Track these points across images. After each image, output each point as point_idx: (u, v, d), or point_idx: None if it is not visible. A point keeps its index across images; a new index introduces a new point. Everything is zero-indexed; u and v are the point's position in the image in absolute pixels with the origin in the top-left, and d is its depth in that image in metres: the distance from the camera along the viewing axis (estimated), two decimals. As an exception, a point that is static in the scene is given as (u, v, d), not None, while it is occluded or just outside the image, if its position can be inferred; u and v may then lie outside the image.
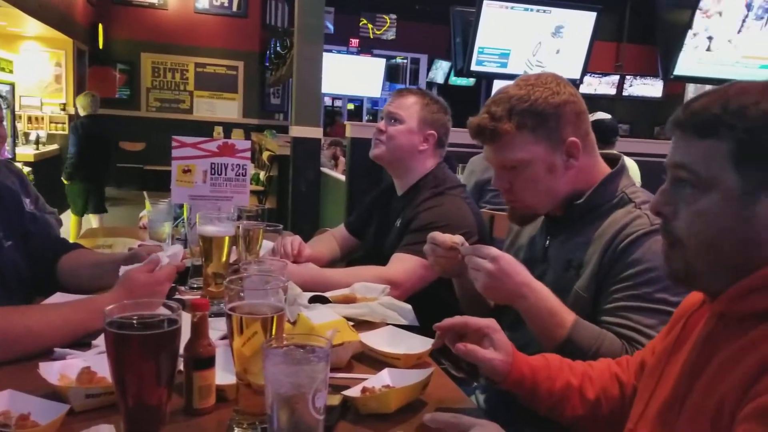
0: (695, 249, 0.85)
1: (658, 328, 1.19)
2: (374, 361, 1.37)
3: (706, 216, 0.83)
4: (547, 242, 1.52)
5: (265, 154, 7.73)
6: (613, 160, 1.52)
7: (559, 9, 5.37)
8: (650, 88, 10.57)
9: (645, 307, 1.29)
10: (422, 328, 1.55)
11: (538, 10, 5.31)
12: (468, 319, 1.17)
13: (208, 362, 1.09)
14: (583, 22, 5.43)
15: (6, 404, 1.00)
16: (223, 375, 1.14)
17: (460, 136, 2.08)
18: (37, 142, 8.30)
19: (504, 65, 5.31)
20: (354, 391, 1.15)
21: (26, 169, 6.29)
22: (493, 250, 1.32)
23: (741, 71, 5.73)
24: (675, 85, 8.74)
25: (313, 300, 1.61)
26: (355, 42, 11.45)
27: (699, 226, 0.84)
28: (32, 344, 1.22)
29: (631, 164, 3.55)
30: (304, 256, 1.97)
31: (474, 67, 5.28)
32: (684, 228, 0.86)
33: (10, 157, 6.80)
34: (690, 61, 5.78)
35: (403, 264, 1.90)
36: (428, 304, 1.70)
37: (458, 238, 1.45)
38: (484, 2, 5.12)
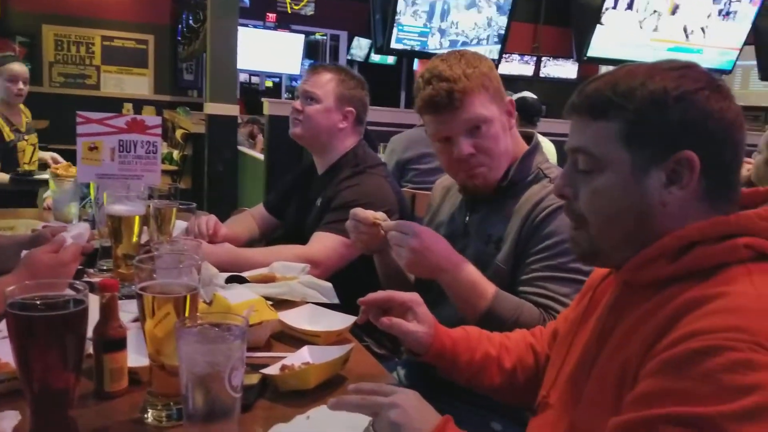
0: (597, 226, 0.89)
1: (572, 297, 1.25)
2: (294, 339, 1.36)
3: (603, 194, 0.87)
4: (467, 218, 1.56)
5: (179, 133, 7.48)
6: (528, 138, 1.57)
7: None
8: (565, 69, 10.88)
9: (560, 277, 1.35)
10: (343, 305, 1.55)
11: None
12: (392, 293, 1.19)
13: (119, 344, 1.05)
14: (501, 2, 5.51)
15: None
16: (136, 357, 1.10)
17: (381, 114, 2.07)
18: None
19: (424, 44, 5.32)
20: (273, 369, 1.15)
21: None
22: (416, 226, 1.34)
23: (650, 53, 5.98)
24: (589, 67, 9.04)
25: (230, 280, 1.57)
26: (272, 17, 11.17)
27: (598, 204, 0.88)
28: None
29: (547, 144, 3.65)
30: (220, 235, 1.92)
31: (394, 45, 5.26)
32: (585, 207, 0.90)
33: None
34: (602, 43, 5.97)
35: (323, 242, 1.88)
36: (349, 282, 1.70)
37: (380, 215, 1.46)
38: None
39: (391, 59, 10.63)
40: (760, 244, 0.78)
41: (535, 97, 4.12)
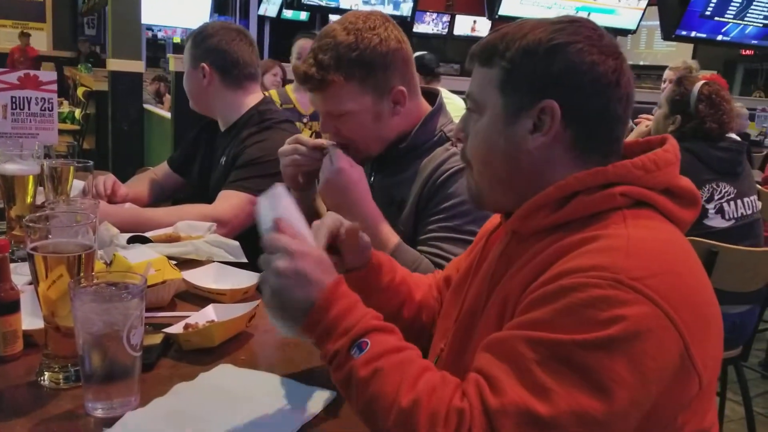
0: (477, 168, 0.95)
1: None
2: (201, 299, 1.35)
3: (480, 136, 0.93)
4: (372, 178, 1.56)
5: (80, 90, 7.11)
6: (432, 96, 1.57)
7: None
8: (479, 26, 10.97)
9: (455, 238, 1.38)
10: (250, 264, 1.55)
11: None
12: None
13: (12, 307, 1.02)
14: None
15: None
16: (31, 320, 1.07)
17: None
18: None
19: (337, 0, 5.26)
20: (176, 328, 1.14)
21: None
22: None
23: (559, 13, 6.13)
24: (502, 24, 9.16)
25: (132, 240, 1.54)
26: (179, -31, 10.68)
27: (476, 146, 0.94)
28: None
29: (458, 101, 3.72)
30: (120, 195, 1.86)
31: (305, 0, 5.16)
32: (469, 149, 0.95)
33: None
34: (513, 2, 6.07)
35: (229, 201, 1.85)
36: (256, 239, 1.69)
37: (326, 141, 1.44)
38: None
39: (303, 15, 10.42)
40: (636, 192, 0.84)
41: (431, 55, 4.27)
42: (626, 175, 0.85)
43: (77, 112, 6.97)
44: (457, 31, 11.11)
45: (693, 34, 7.17)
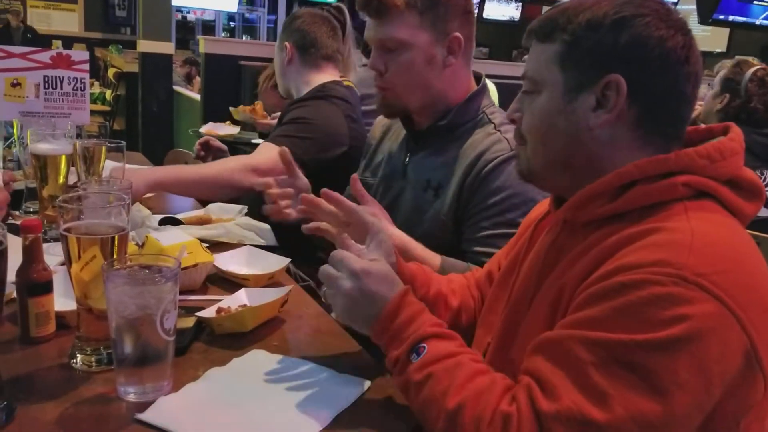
0: (533, 146, 0.91)
1: None
2: (231, 283, 1.33)
3: (538, 113, 0.88)
4: (407, 159, 1.51)
5: (111, 72, 7.16)
6: (476, 79, 1.52)
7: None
8: (508, 10, 10.81)
9: (510, 233, 1.32)
10: (281, 248, 1.53)
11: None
12: (355, 207, 1.09)
13: (44, 287, 1.00)
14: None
15: None
16: (64, 301, 1.06)
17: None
18: None
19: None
20: (209, 312, 1.13)
21: None
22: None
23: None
24: (532, 8, 9.02)
25: (164, 222, 1.53)
26: (209, -49, 10.68)
27: (533, 124, 0.89)
28: None
29: (490, 86, 3.65)
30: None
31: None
32: (524, 127, 0.91)
33: None
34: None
35: (268, 152, 1.82)
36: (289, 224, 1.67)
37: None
38: None
39: (334, -1, 10.37)
40: (698, 182, 0.79)
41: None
42: (689, 165, 0.80)
43: (108, 93, 7.02)
44: (486, 14, 10.95)
45: (730, 18, 6.98)
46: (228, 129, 2.65)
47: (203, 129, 2.76)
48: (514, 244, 1.09)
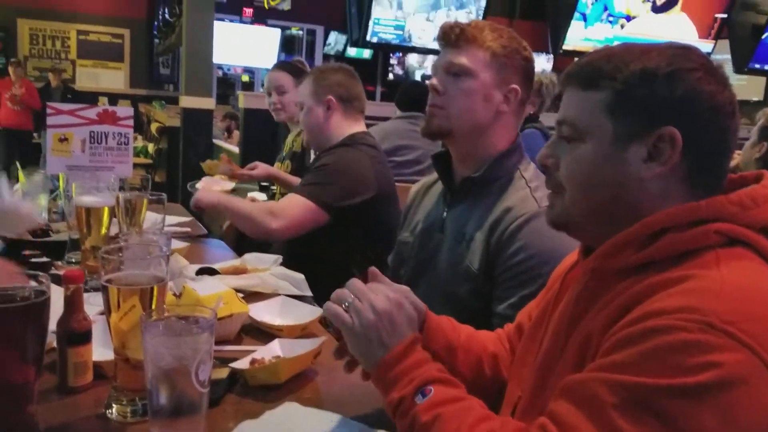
0: (572, 193, 0.89)
1: None
2: (265, 333, 1.34)
3: (582, 162, 0.87)
4: (445, 213, 1.51)
5: (154, 126, 7.40)
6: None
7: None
8: (539, 63, 10.94)
9: (538, 291, 1.31)
10: (315, 298, 1.54)
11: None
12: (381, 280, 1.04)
13: (84, 337, 1.02)
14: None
15: None
16: (102, 351, 1.08)
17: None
18: None
19: (400, 37, 5.32)
20: (242, 363, 1.13)
21: None
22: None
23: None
24: (564, 60, 9.11)
25: (201, 272, 1.55)
26: (248, 12, 11.07)
27: (576, 173, 0.88)
28: None
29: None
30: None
31: (369, 38, 5.25)
32: (563, 175, 0.89)
33: None
34: (576, 37, 6.04)
35: (289, 200, 1.99)
36: (322, 274, 1.68)
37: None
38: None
39: (366, 53, 10.63)
40: (732, 230, 0.78)
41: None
42: (721, 212, 0.79)
43: (150, 147, 7.24)
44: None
45: (766, 66, 6.93)
46: (223, 184, 2.64)
47: (199, 184, 2.78)
48: (544, 296, 1.07)
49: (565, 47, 6.12)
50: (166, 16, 8.95)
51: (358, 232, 2.00)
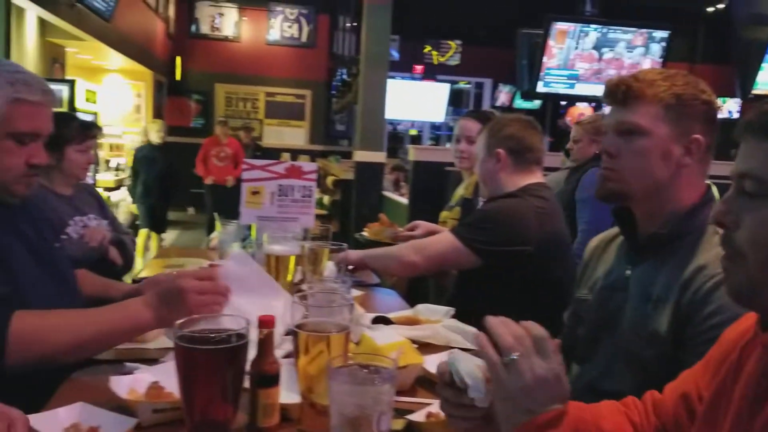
0: (758, 261, 0.78)
1: None
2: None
3: None
4: (628, 271, 1.42)
5: (329, 179, 7.83)
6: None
7: (630, 28, 5.27)
8: (725, 107, 10.21)
9: None
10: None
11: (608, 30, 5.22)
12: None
13: (273, 380, 1.08)
14: (655, 41, 5.30)
15: (77, 416, 1.03)
16: (287, 394, 1.13)
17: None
18: (117, 168, 8.66)
19: (572, 86, 5.23)
20: (419, 416, 1.13)
21: (105, 194, 6.58)
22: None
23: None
24: (751, 105, 8.44)
25: (376, 321, 1.59)
26: (419, 68, 11.52)
27: (763, 236, 0.77)
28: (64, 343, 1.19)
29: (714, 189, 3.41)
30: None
31: (541, 89, 5.22)
32: (746, 238, 0.79)
33: (92, 182, 7.12)
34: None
35: (438, 238, 2.09)
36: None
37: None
38: (554, 24, 5.07)
39: (535, 103, 10.56)
40: None
41: None
42: None
43: (326, 199, 7.66)
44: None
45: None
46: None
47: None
48: (717, 370, 0.94)
49: (755, 91, 5.64)
50: (344, 76, 9.56)
51: (524, 285, 1.95)
